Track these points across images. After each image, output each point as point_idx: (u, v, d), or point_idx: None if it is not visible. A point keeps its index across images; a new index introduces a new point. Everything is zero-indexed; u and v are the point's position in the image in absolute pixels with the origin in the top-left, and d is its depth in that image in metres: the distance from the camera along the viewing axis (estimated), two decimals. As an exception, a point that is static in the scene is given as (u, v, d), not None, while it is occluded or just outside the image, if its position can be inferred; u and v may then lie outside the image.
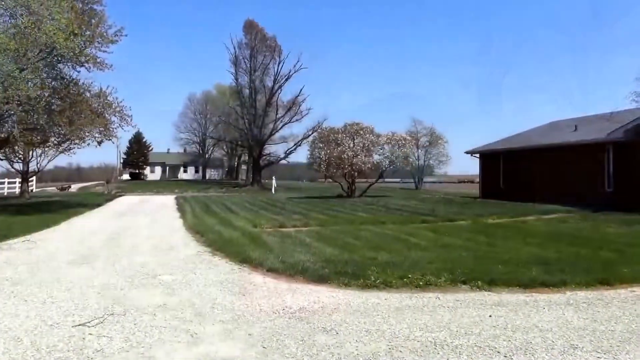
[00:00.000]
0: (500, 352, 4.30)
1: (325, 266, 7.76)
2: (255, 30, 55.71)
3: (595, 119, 24.98)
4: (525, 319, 5.30)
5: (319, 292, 6.55)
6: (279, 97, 57.10)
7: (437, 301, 6.05)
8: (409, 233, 12.10)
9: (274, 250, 9.52)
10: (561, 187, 21.79)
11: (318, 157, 28.27)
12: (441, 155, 61.98)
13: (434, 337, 4.70)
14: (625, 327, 5.01)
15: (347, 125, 28.63)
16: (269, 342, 4.56)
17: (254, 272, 7.88)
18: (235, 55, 55.71)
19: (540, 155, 24.20)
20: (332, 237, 11.45)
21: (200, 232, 12.70)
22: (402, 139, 29.01)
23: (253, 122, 55.35)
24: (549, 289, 6.58)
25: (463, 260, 8.23)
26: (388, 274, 7.13)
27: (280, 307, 5.77)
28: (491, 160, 28.30)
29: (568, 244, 9.94)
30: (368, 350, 4.35)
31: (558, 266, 7.58)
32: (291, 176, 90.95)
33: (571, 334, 4.81)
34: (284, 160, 60.61)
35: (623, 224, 13.22)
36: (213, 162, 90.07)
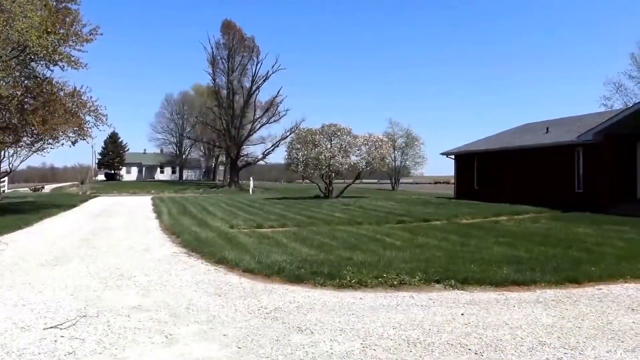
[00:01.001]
0: (471, 350, 4.40)
1: (301, 266, 7.80)
2: (233, 30, 55.53)
3: (567, 121, 25.60)
4: (496, 316, 5.43)
5: (295, 292, 6.59)
6: (257, 98, 57.14)
7: (411, 300, 6.14)
8: (384, 233, 12.22)
9: (250, 250, 9.52)
10: (534, 188, 22.26)
11: (296, 158, 28.28)
12: (417, 157, 62.81)
13: (407, 335, 4.78)
14: (591, 324, 5.17)
15: (324, 126, 28.70)
16: (244, 342, 4.58)
17: (230, 273, 7.89)
18: (212, 56, 55.52)
19: (514, 157, 24.67)
20: (309, 238, 11.49)
21: (177, 233, 12.62)
22: (379, 140, 29.19)
23: (231, 123, 55.12)
24: (519, 287, 6.74)
25: (437, 259, 8.36)
26: (363, 273, 7.20)
27: (255, 308, 5.79)
28: (466, 162, 28.72)
29: (539, 244, 10.18)
30: (342, 349, 4.41)
31: (529, 265, 7.76)
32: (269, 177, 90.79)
33: (540, 331, 4.94)
34: (261, 161, 60.60)
35: (592, 224, 13.57)
36: (190, 163, 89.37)
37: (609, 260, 8.15)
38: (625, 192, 18.81)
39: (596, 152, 19.54)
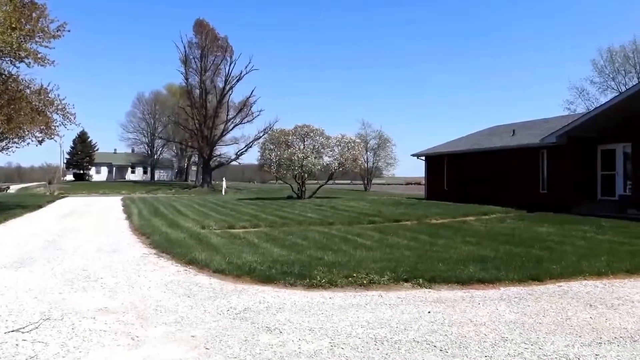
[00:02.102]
0: (436, 347, 4.50)
1: (272, 266, 7.83)
2: (206, 30, 55.13)
3: (532, 124, 26.28)
4: (461, 314, 5.56)
5: (265, 292, 6.61)
6: (230, 98, 56.81)
7: (380, 299, 6.24)
8: (356, 234, 12.33)
9: (221, 251, 9.49)
10: (501, 189, 22.77)
11: (269, 158, 28.27)
12: (389, 158, 63.53)
13: (375, 333, 4.87)
14: (552, 320, 5.35)
15: (297, 127, 28.78)
16: (212, 343, 4.58)
17: (200, 274, 7.86)
18: (185, 55, 54.99)
19: (482, 159, 25.19)
20: (281, 238, 11.53)
21: (147, 233, 12.50)
22: (352, 141, 29.42)
23: (204, 123, 54.67)
24: (484, 285, 6.91)
25: (406, 259, 8.50)
26: (334, 273, 7.27)
27: (225, 308, 5.79)
28: (436, 163, 29.17)
29: (504, 243, 10.45)
30: (310, 348, 4.46)
31: (494, 264, 7.97)
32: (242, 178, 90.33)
33: (503, 327, 5.08)
34: (234, 162, 60.30)
35: (555, 224, 13.98)
36: (162, 163, 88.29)
37: (570, 259, 8.43)
38: (587, 192, 19.42)
39: (559, 154, 20.13)
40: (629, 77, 46.54)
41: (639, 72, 45.68)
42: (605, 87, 48.81)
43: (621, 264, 7.97)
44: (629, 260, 8.32)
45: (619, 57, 48.20)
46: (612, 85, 48.16)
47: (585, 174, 19.57)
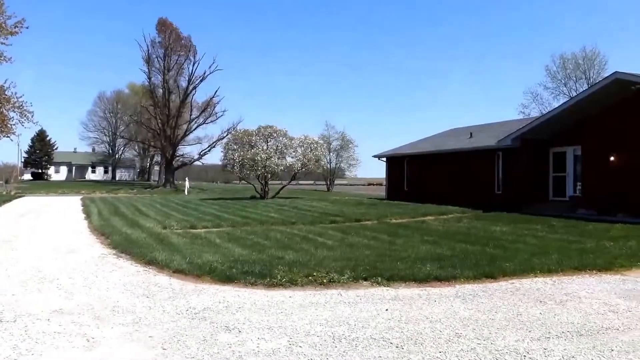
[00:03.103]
0: (392, 343, 4.61)
1: (233, 266, 7.83)
2: (169, 29, 54.29)
3: (489, 127, 27.09)
4: (418, 311, 5.71)
5: (225, 291, 6.61)
6: (193, 98, 56.09)
7: (339, 297, 6.32)
8: (317, 233, 12.43)
9: (182, 251, 9.43)
10: (459, 190, 23.37)
11: (232, 158, 28.12)
12: (352, 159, 64.21)
13: (333, 331, 4.94)
14: (503, 316, 5.55)
15: (261, 127, 28.75)
16: (170, 343, 4.55)
17: (160, 274, 7.78)
18: (148, 54, 53.98)
19: (441, 160, 25.79)
20: (243, 238, 11.52)
21: (106, 234, 12.29)
22: (315, 142, 29.56)
23: (166, 123, 53.80)
24: (441, 283, 7.10)
25: (366, 258, 8.63)
26: (294, 272, 7.33)
27: (184, 308, 5.76)
28: (396, 164, 29.67)
29: (460, 242, 10.75)
30: (269, 346, 4.49)
31: (450, 262, 8.19)
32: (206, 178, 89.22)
33: (457, 323, 5.25)
34: (198, 162, 59.57)
35: (509, 223, 14.47)
36: (124, 163, 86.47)
37: (522, 257, 8.76)
38: (540, 193, 20.17)
39: (514, 156, 20.85)
40: (580, 83, 48.61)
41: (588, 79, 47.72)
42: (558, 93, 50.87)
43: (570, 262, 8.33)
44: (577, 258, 8.69)
45: (571, 64, 50.32)
46: (564, 90, 50.20)
47: (538, 175, 20.33)
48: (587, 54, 49.61)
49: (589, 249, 9.66)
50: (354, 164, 64.97)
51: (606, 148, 17.74)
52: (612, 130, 17.69)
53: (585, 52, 49.84)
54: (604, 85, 17.45)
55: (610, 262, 8.38)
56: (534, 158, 20.24)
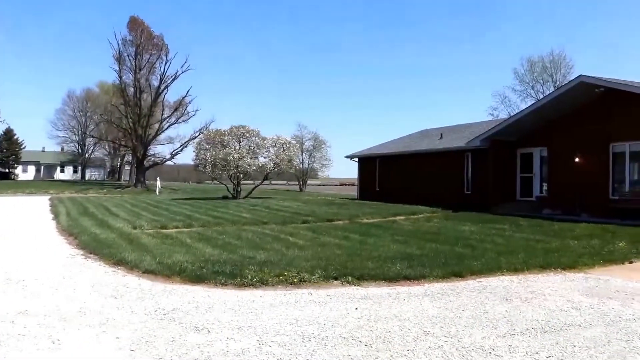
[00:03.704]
0: (362, 342, 4.66)
1: (203, 266, 7.79)
2: (141, 27, 53.38)
3: (459, 128, 27.56)
4: (387, 310, 5.78)
5: (195, 292, 6.56)
6: (165, 97, 55.33)
7: (310, 297, 6.35)
8: (289, 233, 12.43)
9: (152, 251, 9.34)
10: (429, 190, 23.68)
11: (204, 158, 27.91)
12: (324, 159, 64.39)
13: (303, 330, 4.96)
14: (471, 313, 5.66)
15: (233, 127, 28.62)
16: (138, 345, 4.49)
17: (129, 274, 7.71)
18: (119, 52, 52.91)
19: (412, 160, 26.12)
20: (214, 238, 11.46)
21: (74, 234, 12.09)
22: (287, 142, 29.57)
23: (137, 122, 52.91)
24: (410, 282, 7.20)
25: (337, 257, 8.68)
26: (265, 272, 7.32)
27: (153, 309, 5.69)
28: (368, 164, 29.92)
29: (430, 241, 10.90)
30: (238, 346, 4.48)
31: (419, 261, 8.31)
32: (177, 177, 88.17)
33: (425, 321, 5.33)
34: (169, 162, 58.71)
35: (477, 223, 14.74)
36: (94, 162, 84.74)
37: (489, 256, 8.95)
38: (508, 193, 20.61)
39: (483, 157, 21.27)
40: (547, 86, 49.88)
41: (555, 82, 48.99)
42: (526, 95, 52.09)
43: (536, 260, 8.55)
44: (542, 256, 8.93)
45: (538, 67, 51.58)
46: (532, 93, 51.45)
47: (506, 175, 20.77)
48: (554, 58, 51.01)
49: (554, 248, 9.92)
50: (327, 164, 65.27)
51: (571, 149, 18.26)
52: (576, 132, 18.21)
53: (552, 56, 51.24)
54: (570, 88, 17.94)
55: (574, 261, 8.63)
56: (502, 159, 20.68)
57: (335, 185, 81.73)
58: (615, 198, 16.92)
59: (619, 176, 17.19)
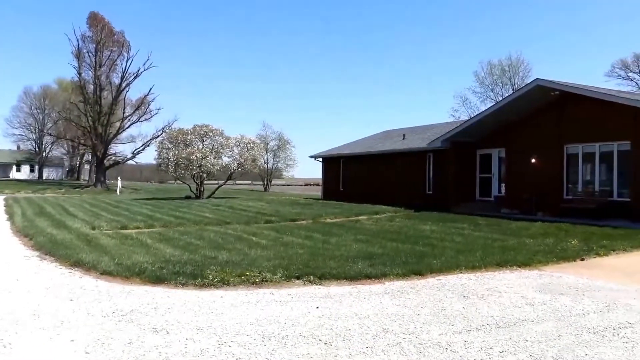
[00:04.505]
0: (321, 340, 4.70)
1: (164, 267, 7.71)
2: (101, 23, 51.99)
3: (421, 129, 28.03)
4: (348, 308, 5.84)
5: (155, 293, 6.47)
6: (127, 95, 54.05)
7: (271, 296, 6.35)
8: (251, 233, 12.40)
9: (111, 252, 9.20)
10: (392, 190, 24.01)
11: (166, 158, 27.51)
12: (289, 159, 64.39)
13: (264, 330, 4.96)
14: (429, 311, 5.79)
15: (196, 126, 28.31)
16: (94, 347, 4.40)
17: (86, 276, 7.56)
18: (78, 48, 51.39)
19: (375, 161, 26.41)
20: (175, 238, 11.35)
21: (30, 235, 11.77)
22: (251, 142, 29.46)
23: (97, 120, 51.54)
24: (371, 280, 7.29)
25: (299, 257, 8.71)
26: (227, 272, 7.29)
27: (110, 311, 5.58)
28: (332, 164, 30.09)
29: (392, 240, 11.07)
30: (197, 347, 4.44)
31: (381, 260, 8.43)
32: (140, 177, 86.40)
33: (385, 319, 5.42)
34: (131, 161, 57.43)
35: (437, 222, 15.04)
36: (52, 161, 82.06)
37: (449, 254, 9.15)
38: (468, 193, 21.11)
39: (444, 157, 21.71)
40: (505, 89, 51.29)
41: (513, 85, 50.41)
42: (485, 97, 53.44)
43: (493, 258, 8.78)
44: (499, 254, 9.19)
45: (497, 70, 53.01)
46: (491, 95, 52.82)
47: (466, 176, 21.27)
48: (513, 62, 52.51)
49: (511, 246, 10.22)
50: (291, 164, 65.33)
51: (528, 150, 18.85)
52: (533, 133, 18.81)
53: (511, 59, 52.74)
54: (527, 91, 18.50)
55: (529, 258, 8.92)
56: (463, 160, 21.16)
57: (300, 185, 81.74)
58: (569, 198, 17.56)
59: (573, 177, 17.85)
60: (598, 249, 9.93)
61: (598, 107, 16.41)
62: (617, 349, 4.51)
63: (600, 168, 17.08)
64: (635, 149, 15.63)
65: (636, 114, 15.26)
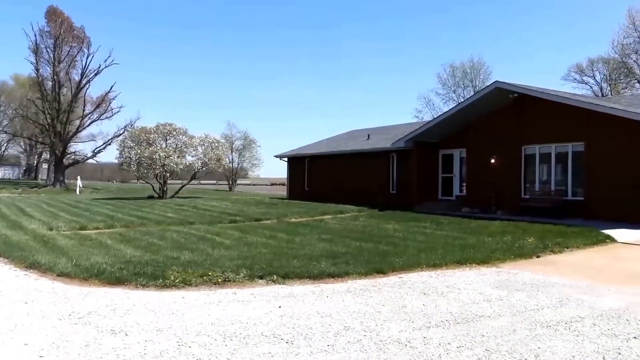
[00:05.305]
0: (283, 339, 4.72)
1: (124, 268, 7.58)
2: (60, 18, 50.30)
3: (386, 129, 28.38)
4: (310, 307, 5.87)
5: (114, 294, 6.36)
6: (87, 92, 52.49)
7: (233, 296, 6.33)
8: (215, 233, 12.29)
9: (68, 253, 8.97)
10: (357, 189, 24.21)
11: (128, 157, 26.91)
12: (254, 159, 64.08)
13: (225, 330, 4.94)
14: (390, 308, 5.88)
15: (159, 125, 27.81)
16: (48, 351, 4.29)
17: (42, 278, 7.37)
18: (36, 44, 49.51)
19: (340, 160, 26.57)
20: (136, 239, 11.15)
21: (-17, 236, 11.26)
22: (216, 141, 29.15)
23: (56, 118, 49.86)
24: (334, 279, 7.35)
25: (263, 256, 8.70)
26: (189, 273, 7.22)
27: (67, 313, 5.45)
28: (298, 164, 30.11)
29: (355, 239, 11.16)
30: (157, 349, 4.39)
31: (344, 259, 8.50)
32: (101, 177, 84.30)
33: (346, 317, 5.48)
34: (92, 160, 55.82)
35: (400, 221, 15.26)
36: (7, 160, 79.17)
37: (411, 252, 9.30)
38: (430, 192, 21.48)
39: (407, 157, 22.04)
40: (467, 91, 52.44)
41: (474, 87, 51.58)
42: (448, 99, 54.53)
43: (453, 256, 8.98)
44: (459, 252, 9.41)
45: (459, 72, 54.17)
46: (454, 97, 53.90)
47: (429, 175, 21.64)
48: (474, 64, 53.74)
49: (470, 244, 10.46)
50: (257, 163, 65.04)
51: (488, 151, 19.33)
52: (492, 134, 19.30)
53: (472, 62, 53.96)
54: (486, 93, 18.97)
55: (488, 256, 9.16)
56: (426, 159, 21.52)
57: (266, 185, 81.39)
58: (527, 197, 18.10)
59: (531, 177, 18.40)
60: (553, 247, 10.28)
61: (554, 109, 16.98)
62: (568, 342, 4.69)
63: (556, 168, 17.67)
64: (589, 150, 16.25)
65: (589, 116, 15.87)
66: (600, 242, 11.19)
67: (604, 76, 46.10)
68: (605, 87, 45.68)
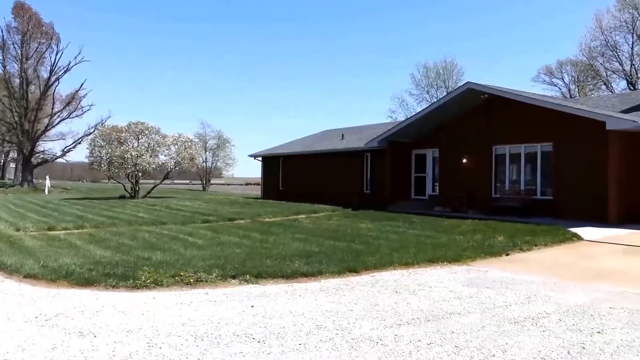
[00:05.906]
0: (255, 338, 4.71)
1: (93, 269, 7.46)
2: (28, 14, 49.07)
3: (359, 129, 28.54)
4: (282, 306, 5.88)
5: (83, 295, 6.25)
6: (56, 90, 51.29)
7: (205, 296, 6.28)
8: (188, 233, 12.18)
9: (35, 254, 8.80)
10: (331, 189, 24.29)
11: (99, 156, 26.42)
12: (228, 158, 63.44)
13: (196, 330, 4.91)
14: (362, 307, 5.93)
15: (131, 124, 27.36)
16: (13, 354, 4.19)
17: (8, 279, 7.22)
18: (2, 40, 48.19)
19: (314, 160, 26.62)
20: (107, 239, 10.98)
21: (-55, 237, 10.93)
22: (189, 140, 28.85)
23: (24, 116, 48.58)
24: (307, 278, 7.37)
25: (236, 256, 8.66)
26: (160, 273, 7.15)
27: (33, 315, 5.33)
28: (272, 164, 30.05)
29: (329, 238, 11.21)
30: (126, 350, 4.33)
31: (318, 258, 8.53)
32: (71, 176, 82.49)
33: (319, 316, 5.50)
34: (61, 159, 54.55)
35: (374, 220, 15.37)
36: (-27, 159, 76.46)
37: (383, 251, 9.38)
38: (404, 192, 21.71)
39: (381, 157, 22.22)
40: (440, 91, 53.06)
41: (447, 87, 52.25)
42: (421, 99, 55.10)
43: (425, 255, 9.10)
44: (431, 251, 9.53)
45: (432, 73, 54.82)
46: (427, 97, 54.49)
47: (402, 175, 21.86)
48: (447, 65, 54.44)
49: (442, 243, 10.61)
50: (231, 163, 64.40)
51: (459, 151, 19.62)
52: (464, 134, 19.61)
53: (445, 63, 54.67)
54: (458, 94, 19.25)
55: (459, 254, 9.30)
56: (399, 159, 21.72)
57: (240, 184, 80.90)
58: (497, 196, 18.43)
59: (501, 176, 18.76)
60: (522, 245, 10.50)
61: (524, 110, 17.33)
62: (535, 337, 4.81)
63: (525, 168, 18.05)
64: (557, 150, 16.65)
65: (558, 116, 16.26)
66: (568, 240, 11.48)
67: (572, 78, 47.24)
68: (574, 88, 46.83)
